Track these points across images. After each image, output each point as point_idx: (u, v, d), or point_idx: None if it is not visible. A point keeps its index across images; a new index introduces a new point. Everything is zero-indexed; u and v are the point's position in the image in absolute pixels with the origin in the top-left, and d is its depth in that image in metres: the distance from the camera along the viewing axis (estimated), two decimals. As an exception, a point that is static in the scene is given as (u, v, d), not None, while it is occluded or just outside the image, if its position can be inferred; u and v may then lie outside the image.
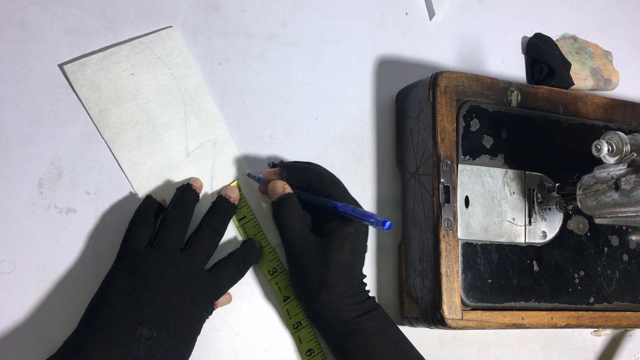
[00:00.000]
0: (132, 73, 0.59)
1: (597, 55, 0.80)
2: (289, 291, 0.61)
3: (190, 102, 0.61)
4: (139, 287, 0.51)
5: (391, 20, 0.71)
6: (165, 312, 0.51)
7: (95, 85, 0.58)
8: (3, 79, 0.57)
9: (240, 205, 0.60)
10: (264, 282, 0.62)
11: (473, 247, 0.61)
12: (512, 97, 0.66)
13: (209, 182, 0.61)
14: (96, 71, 0.58)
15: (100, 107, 0.58)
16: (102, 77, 0.58)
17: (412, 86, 0.66)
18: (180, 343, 0.51)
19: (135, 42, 0.60)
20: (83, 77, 0.58)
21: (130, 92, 0.59)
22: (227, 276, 0.56)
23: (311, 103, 0.66)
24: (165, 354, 0.50)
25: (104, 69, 0.58)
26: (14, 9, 0.58)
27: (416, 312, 0.61)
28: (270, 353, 0.61)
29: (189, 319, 0.52)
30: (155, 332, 0.49)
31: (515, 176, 0.65)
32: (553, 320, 0.63)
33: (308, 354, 0.60)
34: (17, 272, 0.54)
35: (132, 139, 0.59)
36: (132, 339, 0.48)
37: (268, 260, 0.61)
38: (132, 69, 0.59)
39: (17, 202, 0.55)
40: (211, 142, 0.61)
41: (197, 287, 0.53)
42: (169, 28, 0.62)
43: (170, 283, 0.52)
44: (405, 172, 0.65)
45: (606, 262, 0.67)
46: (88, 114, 0.58)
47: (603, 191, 0.57)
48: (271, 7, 0.67)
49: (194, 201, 0.57)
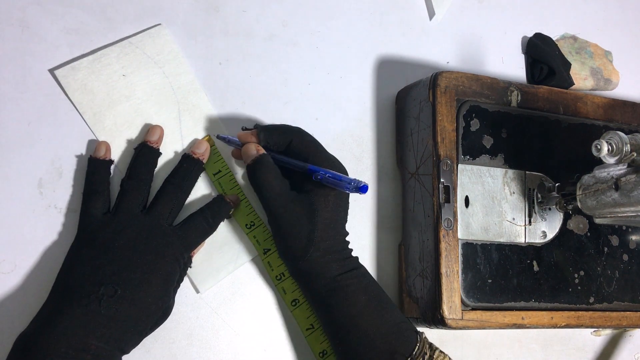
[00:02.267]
0: (124, 74, 0.58)
1: (597, 55, 0.80)
2: (268, 243, 0.60)
3: (184, 99, 0.61)
4: (99, 252, 0.52)
5: (391, 20, 0.71)
6: (129, 269, 0.51)
7: (87, 89, 0.58)
8: (3, 79, 0.57)
9: (214, 159, 0.60)
10: (264, 282, 0.62)
11: (473, 247, 0.61)
12: (512, 97, 0.66)
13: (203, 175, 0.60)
14: (88, 74, 0.58)
15: (94, 110, 0.58)
16: (94, 80, 0.58)
17: (412, 86, 0.66)
18: (150, 294, 0.51)
19: (125, 43, 0.59)
20: (75, 81, 0.57)
21: (123, 93, 0.59)
22: (195, 230, 0.56)
23: (311, 103, 0.66)
24: (132, 307, 0.50)
25: (95, 72, 0.58)
26: (14, 9, 0.58)
27: (416, 312, 0.61)
28: (270, 353, 0.61)
29: (157, 272, 0.52)
30: (119, 290, 0.50)
31: (515, 176, 0.65)
32: (553, 320, 0.63)
33: (293, 304, 0.60)
34: (17, 272, 0.54)
35: (127, 141, 0.58)
36: (93, 298, 0.49)
37: (245, 214, 0.60)
38: (123, 70, 0.59)
39: (17, 202, 0.55)
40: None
41: (163, 241, 0.53)
42: (158, 26, 0.61)
43: (130, 242, 0.52)
44: (405, 172, 0.65)
45: (606, 262, 0.67)
46: (82, 119, 0.58)
47: (603, 191, 0.57)
48: (271, 7, 0.67)
49: (152, 159, 0.57)
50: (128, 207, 0.54)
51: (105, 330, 0.49)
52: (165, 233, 0.54)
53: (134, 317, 0.50)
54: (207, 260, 0.59)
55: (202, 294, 0.59)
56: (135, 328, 0.51)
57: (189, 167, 0.57)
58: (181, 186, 0.57)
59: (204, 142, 0.59)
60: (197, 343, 0.59)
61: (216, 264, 0.59)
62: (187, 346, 0.58)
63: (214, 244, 0.59)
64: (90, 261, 0.51)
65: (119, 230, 0.53)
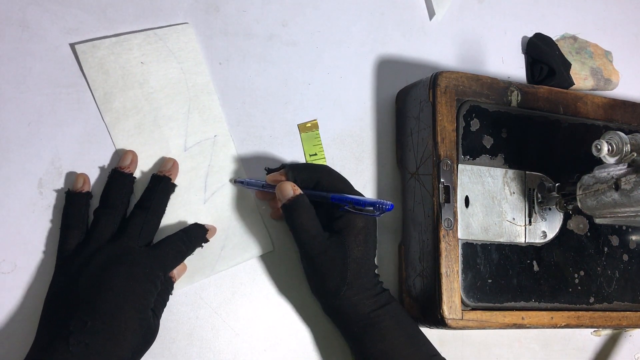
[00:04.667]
0: (142, 62, 0.59)
1: (597, 55, 0.80)
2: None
3: (196, 98, 0.61)
4: (69, 284, 0.51)
5: (391, 20, 0.71)
6: (98, 297, 0.50)
7: (103, 68, 0.58)
8: (3, 79, 0.57)
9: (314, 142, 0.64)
10: (264, 282, 0.62)
11: (473, 247, 0.61)
12: (512, 97, 0.66)
13: (203, 179, 0.60)
14: (107, 55, 0.59)
15: (106, 90, 0.58)
16: (111, 62, 0.59)
17: (412, 86, 0.66)
18: (123, 320, 0.50)
19: (149, 33, 0.60)
20: (93, 58, 0.58)
21: (137, 79, 0.59)
22: (171, 250, 0.55)
23: (311, 103, 0.66)
24: (105, 337, 0.49)
25: (114, 54, 0.59)
26: (14, 9, 0.58)
27: (416, 312, 0.61)
28: (270, 353, 0.61)
29: (129, 295, 0.50)
30: (89, 321, 0.48)
31: (515, 176, 0.65)
32: (553, 320, 0.63)
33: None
34: (17, 272, 0.54)
35: (133, 125, 0.59)
36: (63, 335, 0.48)
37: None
38: (143, 58, 0.59)
39: (17, 202, 0.55)
40: (211, 140, 0.61)
41: (133, 262, 0.52)
42: (185, 24, 0.62)
43: (99, 268, 0.51)
44: (405, 172, 0.65)
45: (606, 262, 0.67)
46: (92, 96, 0.58)
47: (603, 191, 0.57)
48: (271, 7, 0.67)
49: (125, 185, 0.56)
50: (99, 235, 0.54)
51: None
52: (135, 254, 0.53)
53: (108, 348, 0.48)
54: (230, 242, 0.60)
55: (202, 293, 0.59)
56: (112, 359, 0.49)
57: (155, 186, 0.57)
58: (149, 207, 0.56)
59: (170, 159, 0.59)
60: (197, 343, 0.59)
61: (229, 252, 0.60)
62: (187, 346, 0.58)
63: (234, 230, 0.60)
64: (63, 297, 0.51)
65: (88, 258, 0.52)
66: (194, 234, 0.57)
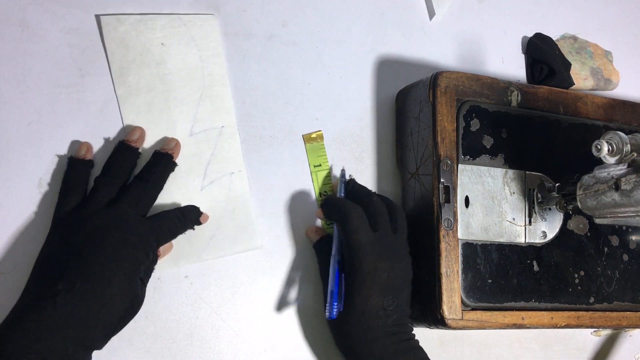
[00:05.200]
0: (163, 43, 0.60)
1: (597, 55, 0.80)
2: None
3: (210, 87, 0.62)
4: (62, 247, 0.51)
5: (391, 20, 0.71)
6: (89, 261, 0.49)
7: (124, 43, 0.59)
8: (3, 79, 0.57)
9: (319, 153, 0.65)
10: (264, 282, 0.62)
11: (473, 247, 0.61)
12: (512, 97, 0.66)
13: (204, 167, 0.61)
14: (129, 30, 0.60)
15: (123, 64, 0.59)
16: (133, 38, 0.60)
17: (412, 86, 0.66)
18: (112, 285, 0.49)
19: (174, 17, 0.61)
20: (116, 32, 0.59)
21: (155, 59, 0.60)
22: (166, 223, 0.55)
23: (311, 103, 0.66)
24: (92, 299, 0.48)
25: (137, 31, 0.60)
26: (14, 9, 0.58)
27: (416, 312, 0.61)
28: (270, 353, 0.61)
29: (121, 261, 0.50)
30: (77, 282, 0.48)
31: (515, 176, 0.65)
32: (553, 320, 0.63)
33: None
34: (17, 272, 0.54)
35: (143, 103, 0.60)
36: (50, 294, 0.48)
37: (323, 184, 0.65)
38: (164, 40, 0.60)
39: (17, 202, 0.55)
40: (218, 130, 0.62)
41: (128, 229, 0.52)
42: (210, 15, 0.63)
43: (92, 233, 0.51)
44: (405, 172, 0.65)
45: (606, 262, 0.67)
46: (109, 68, 0.59)
47: (603, 191, 0.57)
48: (271, 7, 0.67)
49: (130, 158, 0.56)
50: (96, 201, 0.54)
51: (62, 329, 0.47)
52: (131, 221, 0.53)
53: (95, 310, 0.48)
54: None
55: (202, 293, 0.59)
56: (98, 322, 0.49)
57: (156, 161, 0.57)
58: (149, 179, 0.56)
59: (174, 139, 0.59)
60: (197, 343, 0.59)
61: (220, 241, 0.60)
62: (187, 346, 0.58)
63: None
64: (54, 257, 0.51)
65: (81, 222, 0.52)
66: (189, 214, 0.57)
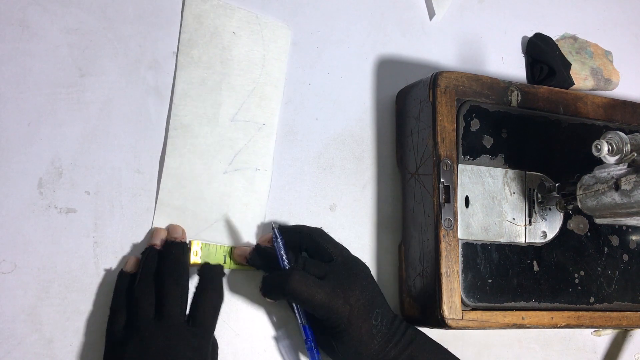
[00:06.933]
0: (234, 32, 0.63)
1: (597, 55, 0.80)
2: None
3: (263, 84, 0.64)
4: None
5: (391, 20, 0.71)
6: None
7: (200, 19, 0.63)
8: (3, 79, 0.57)
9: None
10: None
11: (473, 247, 0.61)
12: (512, 97, 0.66)
13: (233, 154, 0.62)
14: (209, 10, 0.63)
15: (192, 37, 0.62)
16: (210, 18, 0.63)
17: (412, 86, 0.66)
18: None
19: (252, 14, 0.64)
20: (196, 6, 0.63)
21: (222, 43, 0.63)
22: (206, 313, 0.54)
23: (311, 103, 0.66)
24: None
25: (215, 13, 0.63)
26: (14, 9, 0.58)
27: (416, 312, 0.61)
28: (270, 353, 0.61)
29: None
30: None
31: (516, 176, 0.65)
32: (553, 320, 0.63)
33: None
34: (17, 272, 0.54)
35: (199, 77, 0.62)
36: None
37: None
38: (237, 30, 0.64)
39: (17, 202, 0.55)
40: (258, 125, 0.63)
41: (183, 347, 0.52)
42: (285, 26, 0.66)
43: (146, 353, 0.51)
44: (405, 172, 0.65)
45: (606, 262, 0.67)
46: (179, 35, 0.62)
47: (603, 191, 0.57)
48: (271, 6, 0.67)
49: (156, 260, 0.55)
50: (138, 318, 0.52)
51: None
52: (183, 338, 0.52)
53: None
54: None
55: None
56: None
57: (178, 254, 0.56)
58: (180, 280, 0.54)
59: (178, 226, 0.58)
60: (197, 343, 0.59)
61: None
62: (187, 346, 0.58)
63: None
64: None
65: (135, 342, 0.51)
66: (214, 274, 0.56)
